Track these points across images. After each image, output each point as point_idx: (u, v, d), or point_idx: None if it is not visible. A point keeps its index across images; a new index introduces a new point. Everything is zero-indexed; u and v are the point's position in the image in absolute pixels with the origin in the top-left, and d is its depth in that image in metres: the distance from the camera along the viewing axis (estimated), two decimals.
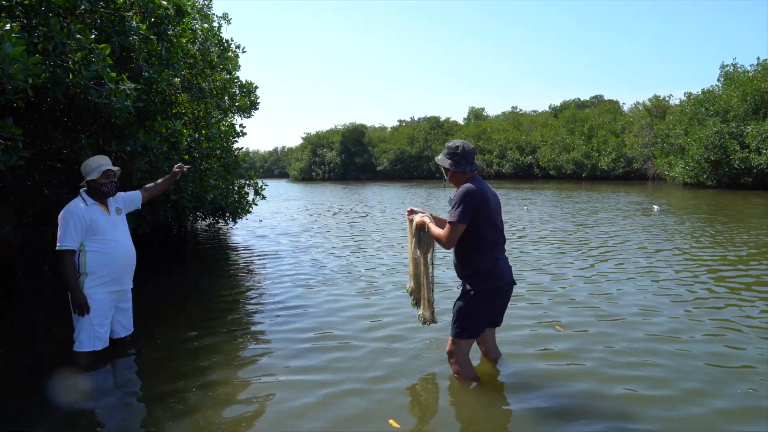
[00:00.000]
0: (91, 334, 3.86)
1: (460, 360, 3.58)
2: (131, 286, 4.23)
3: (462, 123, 70.16)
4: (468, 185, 3.37)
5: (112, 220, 4.02)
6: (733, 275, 6.68)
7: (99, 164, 3.96)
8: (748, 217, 13.40)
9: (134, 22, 5.25)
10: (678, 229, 11.17)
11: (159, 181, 4.65)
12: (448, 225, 3.38)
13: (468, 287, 3.47)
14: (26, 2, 4.24)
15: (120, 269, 4.00)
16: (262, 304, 5.81)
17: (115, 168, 4.05)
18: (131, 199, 4.35)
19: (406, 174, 63.70)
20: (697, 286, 6.10)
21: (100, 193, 3.97)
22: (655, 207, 16.10)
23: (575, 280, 6.59)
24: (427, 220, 3.67)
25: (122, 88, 4.52)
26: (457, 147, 3.46)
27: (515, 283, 3.64)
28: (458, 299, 3.55)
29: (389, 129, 78.14)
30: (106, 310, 3.96)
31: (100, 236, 3.87)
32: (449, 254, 3.89)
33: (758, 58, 34.31)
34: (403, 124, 76.07)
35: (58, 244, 3.73)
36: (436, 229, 3.54)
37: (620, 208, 16.60)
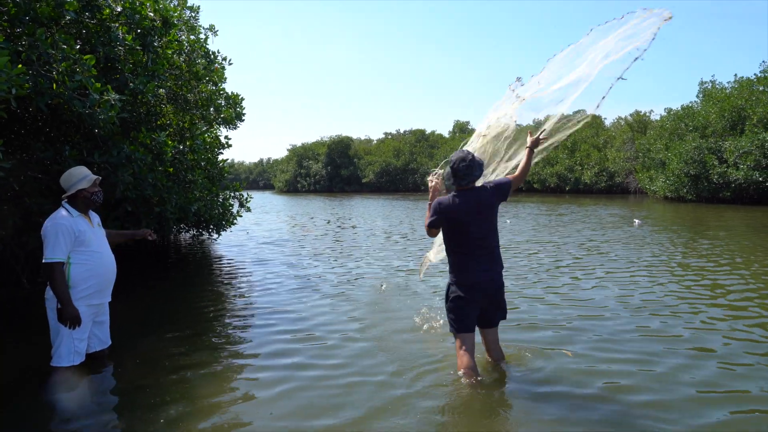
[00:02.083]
0: (71, 348, 3.78)
1: (459, 354, 3.78)
2: (110, 300, 4.16)
3: (447, 136, 70.65)
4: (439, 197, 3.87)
5: (95, 232, 3.95)
6: (703, 281, 6.83)
7: (86, 174, 3.91)
8: (715, 229, 13.67)
9: (120, 33, 5.24)
10: (656, 242, 11.35)
11: (119, 231, 4.59)
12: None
13: (449, 281, 3.86)
14: (12, 12, 4.22)
15: (103, 281, 3.94)
16: (243, 312, 5.77)
17: (97, 179, 4.01)
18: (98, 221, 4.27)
19: (391, 186, 63.85)
20: (679, 293, 6.22)
21: (89, 202, 3.92)
22: (636, 221, 16.33)
23: (561, 288, 6.66)
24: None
25: (107, 98, 4.51)
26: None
27: (500, 288, 3.82)
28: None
29: (375, 141, 78.38)
30: (86, 324, 3.88)
31: (86, 248, 3.79)
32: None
33: (735, 75, 35.24)
34: (389, 136, 76.34)
35: (46, 257, 3.62)
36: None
37: (603, 222, 16.83)
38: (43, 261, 3.64)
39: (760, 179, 25.55)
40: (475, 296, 3.74)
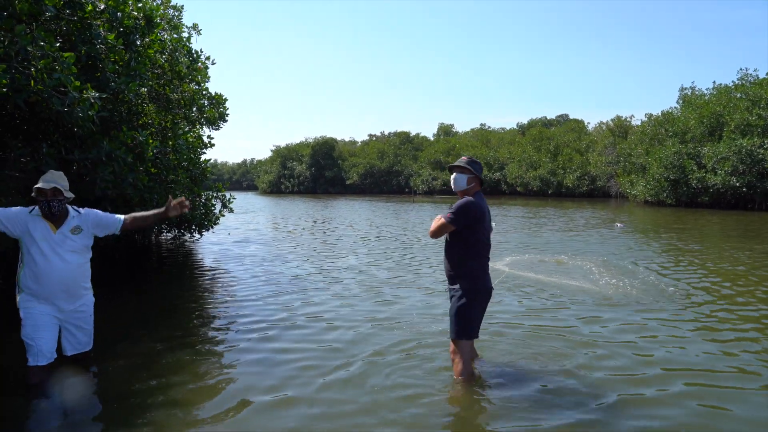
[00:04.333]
0: (30, 350, 3.70)
1: (464, 360, 3.74)
2: (75, 308, 3.89)
3: (432, 139, 70.94)
4: (469, 198, 3.71)
5: (54, 238, 3.73)
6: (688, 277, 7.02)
7: (49, 178, 3.72)
8: (684, 232, 13.94)
9: (102, 31, 5.17)
10: (637, 244, 11.57)
11: (150, 213, 4.12)
12: (441, 220, 3.70)
13: (463, 288, 3.70)
14: None
15: (50, 290, 3.74)
16: (223, 314, 5.74)
17: (48, 187, 3.67)
18: (106, 223, 3.97)
19: (375, 188, 63.90)
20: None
21: (41, 206, 3.70)
22: (618, 224, 16.58)
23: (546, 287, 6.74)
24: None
25: (86, 96, 4.44)
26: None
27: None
28: (454, 302, 3.73)
29: (359, 143, 78.49)
30: (40, 325, 3.71)
31: (33, 252, 3.67)
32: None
33: (714, 82, 35.91)
34: (374, 138, 76.45)
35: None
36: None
37: (586, 225, 17.05)
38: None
39: (737, 184, 26.09)
40: (485, 302, 3.81)
